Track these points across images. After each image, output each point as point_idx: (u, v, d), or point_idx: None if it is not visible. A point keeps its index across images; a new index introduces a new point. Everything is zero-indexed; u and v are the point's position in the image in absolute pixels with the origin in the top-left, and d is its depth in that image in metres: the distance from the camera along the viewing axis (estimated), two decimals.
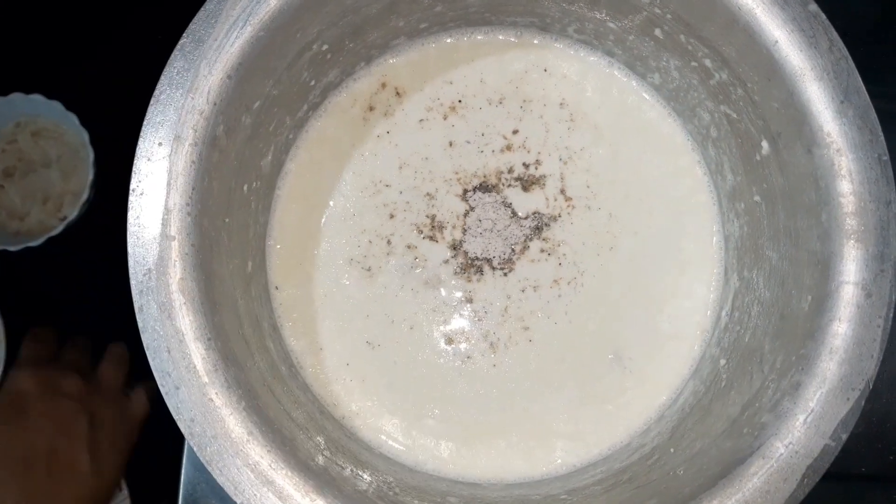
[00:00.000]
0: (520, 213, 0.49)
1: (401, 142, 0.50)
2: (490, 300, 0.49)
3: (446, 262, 0.49)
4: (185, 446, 0.51)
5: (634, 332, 0.49)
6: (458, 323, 0.48)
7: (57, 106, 0.70)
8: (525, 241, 0.49)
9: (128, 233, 0.37)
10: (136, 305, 0.37)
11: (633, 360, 0.48)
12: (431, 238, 0.49)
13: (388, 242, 0.49)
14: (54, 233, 0.68)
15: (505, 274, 0.49)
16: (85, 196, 0.69)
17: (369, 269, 0.49)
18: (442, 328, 0.48)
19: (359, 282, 0.49)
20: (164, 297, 0.37)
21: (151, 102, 0.38)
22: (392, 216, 0.49)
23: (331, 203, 0.49)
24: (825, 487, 0.38)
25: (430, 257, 0.49)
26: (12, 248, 0.68)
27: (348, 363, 0.48)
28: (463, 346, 0.48)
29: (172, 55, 0.39)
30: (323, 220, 0.49)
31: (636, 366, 0.48)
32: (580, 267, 0.49)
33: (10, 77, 0.74)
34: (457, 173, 0.50)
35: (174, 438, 0.50)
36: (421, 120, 0.50)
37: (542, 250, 0.49)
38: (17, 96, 0.71)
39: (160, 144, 0.38)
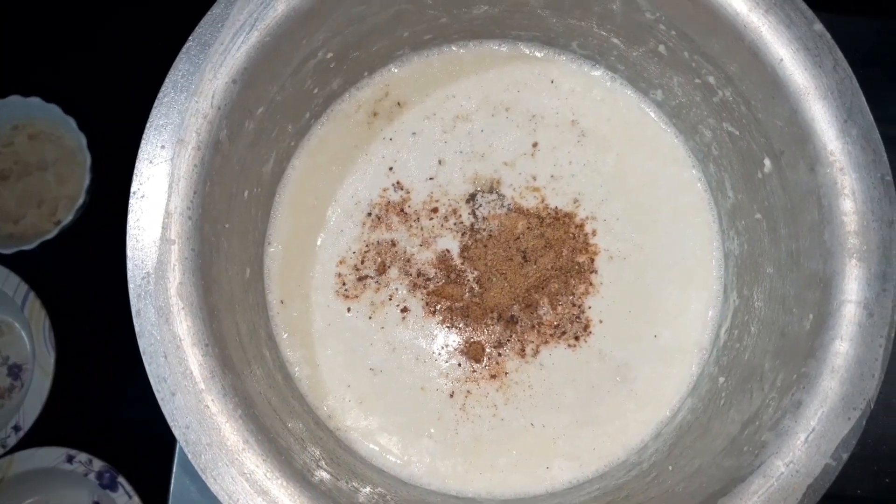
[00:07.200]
0: (529, 220, 0.49)
1: (401, 155, 0.50)
2: (495, 326, 0.48)
3: (452, 273, 0.48)
4: (176, 454, 0.50)
5: (636, 350, 0.48)
6: (461, 346, 0.48)
7: (55, 109, 0.70)
8: (536, 244, 0.49)
9: (127, 236, 0.37)
10: (133, 309, 0.36)
11: (636, 381, 0.48)
12: (435, 249, 0.49)
13: (389, 259, 0.49)
14: (48, 237, 0.68)
15: (524, 268, 0.48)
16: (81, 200, 0.69)
17: (368, 300, 0.48)
18: (444, 352, 0.48)
19: (357, 304, 0.48)
20: (163, 301, 0.36)
21: (155, 105, 0.38)
22: (394, 239, 0.49)
23: (329, 216, 0.49)
24: None
25: (433, 270, 0.48)
26: (5, 252, 0.67)
27: (347, 383, 0.47)
28: (466, 371, 0.48)
29: (178, 58, 0.39)
30: (321, 237, 0.49)
31: (638, 385, 0.48)
32: (596, 276, 0.49)
33: (8, 79, 0.73)
34: (463, 182, 0.49)
35: (164, 445, 0.49)
36: (413, 133, 0.50)
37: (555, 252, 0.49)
38: (15, 99, 0.71)
39: (162, 147, 0.38)
